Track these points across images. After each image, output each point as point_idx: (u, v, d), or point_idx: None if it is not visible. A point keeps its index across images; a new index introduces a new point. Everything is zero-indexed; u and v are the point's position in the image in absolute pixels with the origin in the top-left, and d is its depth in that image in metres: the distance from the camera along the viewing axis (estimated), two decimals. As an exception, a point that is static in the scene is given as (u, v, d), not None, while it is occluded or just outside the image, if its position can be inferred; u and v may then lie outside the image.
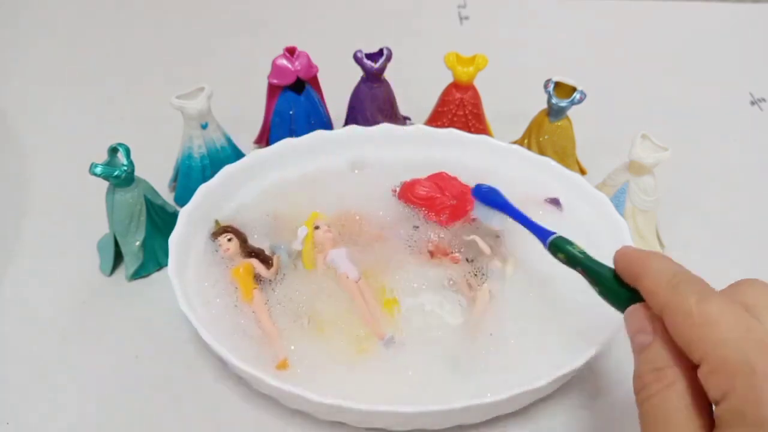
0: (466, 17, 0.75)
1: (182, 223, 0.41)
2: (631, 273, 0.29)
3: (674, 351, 0.25)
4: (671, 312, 0.25)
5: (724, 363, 0.23)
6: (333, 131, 0.49)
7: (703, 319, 0.24)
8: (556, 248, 0.34)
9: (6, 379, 0.39)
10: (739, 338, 0.23)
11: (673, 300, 0.26)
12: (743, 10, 0.78)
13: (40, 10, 0.75)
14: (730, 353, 0.23)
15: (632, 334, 0.28)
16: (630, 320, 0.28)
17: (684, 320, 0.25)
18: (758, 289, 0.26)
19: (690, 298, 0.25)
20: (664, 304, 0.26)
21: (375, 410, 0.33)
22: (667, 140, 0.43)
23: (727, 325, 0.24)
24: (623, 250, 0.30)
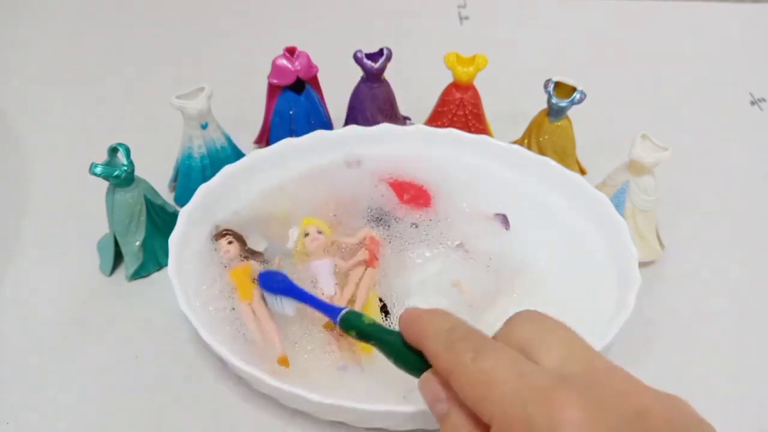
0: (466, 17, 0.75)
1: (182, 223, 0.41)
2: (415, 336, 0.28)
3: (472, 414, 0.25)
4: (452, 375, 0.25)
5: (507, 422, 0.23)
6: (333, 131, 0.49)
7: (481, 377, 0.24)
8: (346, 325, 0.33)
9: (6, 379, 0.39)
10: (516, 390, 0.23)
11: (451, 361, 0.25)
12: (743, 10, 0.77)
13: (40, 10, 0.75)
14: (509, 410, 0.23)
15: (430, 404, 0.27)
16: (424, 389, 0.27)
17: (465, 382, 0.24)
18: (530, 324, 0.26)
19: (466, 356, 0.25)
20: (445, 368, 0.26)
21: (375, 410, 0.33)
22: (667, 140, 0.43)
23: (504, 379, 0.23)
24: (406, 312, 0.29)
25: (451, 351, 0.25)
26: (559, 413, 0.22)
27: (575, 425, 0.21)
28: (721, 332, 0.43)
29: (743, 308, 0.44)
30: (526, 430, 0.22)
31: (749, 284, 0.46)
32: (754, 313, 0.44)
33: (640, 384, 0.24)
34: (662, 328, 0.43)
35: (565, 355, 0.24)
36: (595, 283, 0.41)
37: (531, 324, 0.26)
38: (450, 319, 0.28)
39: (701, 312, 0.44)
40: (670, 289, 0.45)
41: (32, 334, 0.42)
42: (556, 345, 0.25)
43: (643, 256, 0.43)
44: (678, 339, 0.42)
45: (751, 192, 0.54)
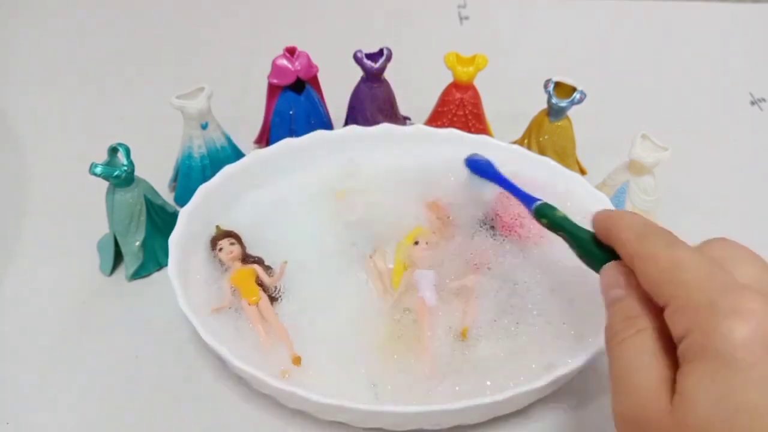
0: (466, 17, 0.75)
1: (182, 223, 0.41)
2: (605, 229, 0.30)
3: (645, 302, 0.26)
4: (640, 259, 0.26)
5: (687, 302, 0.24)
6: (333, 131, 0.49)
7: (670, 263, 0.25)
8: (540, 214, 0.36)
9: (6, 379, 0.39)
10: (703, 280, 0.24)
11: (642, 248, 0.27)
12: (743, 10, 0.78)
13: (40, 10, 0.75)
14: (692, 293, 0.24)
15: (606, 289, 0.29)
16: (604, 276, 0.29)
17: (652, 266, 0.26)
18: (725, 244, 0.27)
19: (658, 245, 0.26)
20: (634, 253, 0.27)
21: (375, 410, 0.33)
22: (667, 140, 0.43)
23: (692, 269, 0.25)
24: (600, 211, 0.31)
25: (645, 239, 0.27)
26: (744, 303, 0.22)
27: (757, 315, 0.22)
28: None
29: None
30: (706, 311, 0.23)
31: (749, 284, 0.46)
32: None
33: None
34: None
35: (755, 275, 0.25)
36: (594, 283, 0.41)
37: (725, 245, 0.27)
38: (643, 218, 0.29)
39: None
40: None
41: (32, 334, 0.42)
42: (749, 265, 0.26)
43: (643, 256, 0.43)
44: (678, 339, 0.42)
45: (751, 192, 0.54)
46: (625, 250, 0.28)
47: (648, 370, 0.25)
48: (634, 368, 0.25)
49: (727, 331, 0.22)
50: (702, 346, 0.23)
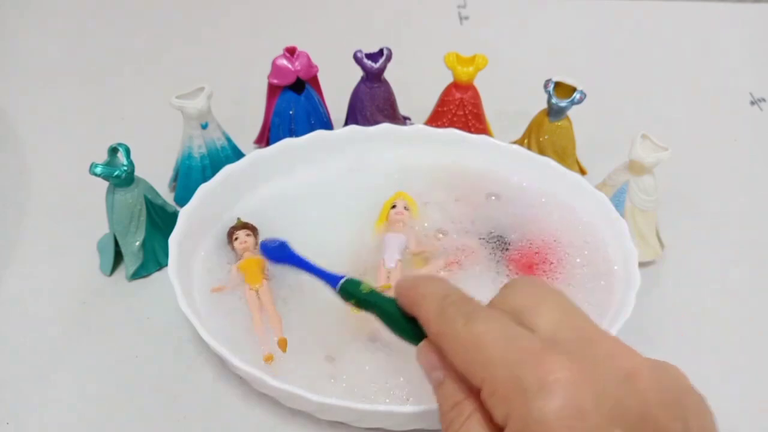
0: (466, 17, 0.75)
1: (182, 223, 0.41)
2: (409, 303, 0.28)
3: (466, 382, 0.25)
4: (443, 340, 0.25)
5: (496, 385, 0.23)
6: (333, 131, 0.49)
7: (471, 341, 0.24)
8: (346, 294, 0.33)
9: (6, 379, 0.39)
10: (505, 352, 0.23)
11: (442, 327, 0.25)
12: (743, 10, 0.77)
13: (40, 10, 0.75)
14: (500, 372, 0.23)
15: (427, 372, 0.27)
16: (421, 358, 0.27)
17: (456, 346, 0.24)
18: (525, 289, 0.26)
19: (457, 321, 0.25)
20: (437, 333, 0.26)
21: (375, 410, 0.33)
22: (667, 140, 0.43)
23: (494, 342, 0.23)
24: (402, 278, 0.29)
25: (443, 316, 0.25)
26: (548, 374, 0.21)
27: (564, 386, 0.21)
28: (722, 332, 0.43)
29: (743, 308, 0.44)
30: (515, 392, 0.22)
31: (749, 284, 0.46)
32: (754, 312, 0.44)
33: (631, 349, 0.24)
34: (662, 328, 0.43)
35: (557, 321, 0.24)
36: (594, 282, 0.41)
37: (526, 290, 0.26)
38: (444, 285, 0.28)
39: (701, 312, 0.44)
40: (670, 289, 0.45)
41: (32, 334, 0.42)
42: (550, 311, 0.25)
43: (643, 256, 0.43)
44: (678, 339, 0.42)
45: (751, 192, 0.54)
46: (428, 329, 0.26)
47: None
48: None
49: (539, 414, 0.21)
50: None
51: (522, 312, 0.25)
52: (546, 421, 0.21)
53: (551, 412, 0.21)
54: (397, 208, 0.44)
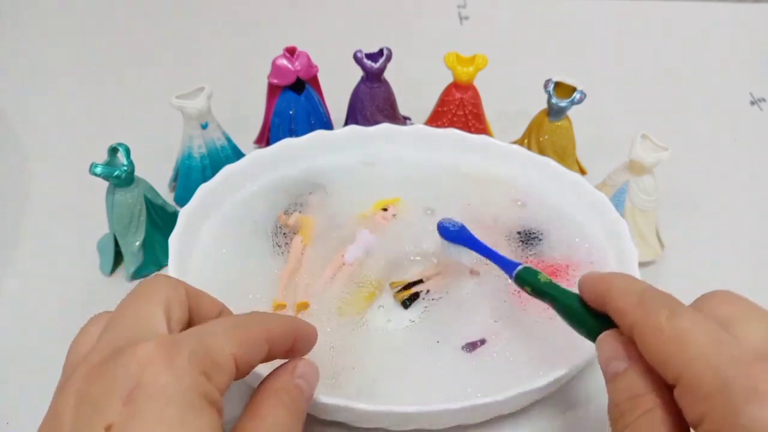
0: (466, 17, 0.75)
1: (182, 223, 0.41)
2: (597, 296, 0.28)
3: (650, 376, 0.24)
4: (642, 330, 0.24)
5: (698, 382, 0.22)
6: (333, 131, 0.49)
7: (675, 335, 0.23)
8: (521, 281, 0.34)
9: (6, 379, 0.39)
10: (713, 354, 0.22)
11: (642, 317, 0.25)
12: (743, 10, 0.78)
13: (40, 10, 0.75)
14: (704, 371, 0.22)
15: (605, 362, 0.26)
16: (602, 347, 0.27)
17: (655, 338, 0.24)
18: (728, 301, 0.25)
19: (660, 314, 0.24)
20: (634, 323, 0.25)
21: (375, 410, 0.33)
22: (667, 140, 0.43)
23: (700, 341, 0.23)
24: (586, 275, 0.29)
25: (644, 307, 0.25)
26: (761, 383, 0.21)
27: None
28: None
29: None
30: (720, 393, 0.21)
31: (749, 284, 0.46)
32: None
33: None
34: (662, 328, 0.43)
35: (763, 334, 0.23)
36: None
37: (730, 301, 0.25)
38: (638, 280, 0.27)
39: (701, 312, 0.44)
40: (670, 289, 0.45)
41: (32, 334, 0.42)
42: (758, 324, 0.24)
43: (643, 256, 0.43)
44: (678, 339, 0.42)
45: (751, 192, 0.54)
46: (624, 319, 0.26)
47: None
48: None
49: (748, 421, 0.20)
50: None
51: (727, 321, 0.24)
52: (755, 429, 0.20)
53: (760, 422, 0.20)
54: (387, 212, 0.44)
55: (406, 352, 0.37)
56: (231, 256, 0.42)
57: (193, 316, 0.28)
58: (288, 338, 0.29)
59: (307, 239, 0.43)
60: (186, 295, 0.28)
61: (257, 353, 0.26)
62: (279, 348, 0.28)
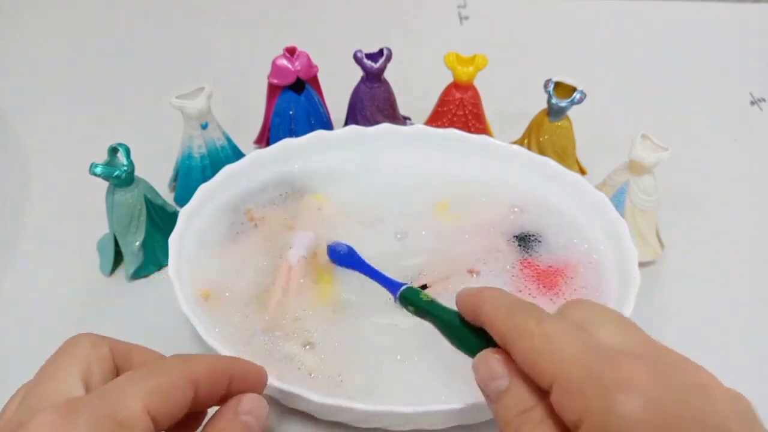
0: (466, 17, 0.75)
1: (182, 223, 0.41)
2: (471, 310, 0.28)
3: (532, 387, 0.25)
4: (513, 338, 0.25)
5: (571, 381, 0.22)
6: (333, 131, 0.49)
7: (545, 338, 0.24)
8: (405, 301, 0.34)
9: (6, 379, 0.39)
10: (581, 352, 0.23)
11: (513, 326, 0.25)
12: (743, 10, 0.77)
13: (40, 10, 0.75)
14: (574, 369, 0.22)
15: (484, 382, 0.26)
16: (480, 367, 0.27)
17: (527, 343, 0.24)
18: (582, 306, 0.26)
19: (529, 320, 0.25)
20: (506, 332, 0.26)
21: (375, 410, 0.33)
22: (667, 140, 0.43)
23: (567, 341, 0.23)
24: (461, 290, 0.29)
25: (514, 317, 0.26)
26: (629, 373, 0.22)
27: (646, 387, 0.21)
28: (722, 332, 0.43)
29: (743, 308, 0.44)
30: (594, 388, 0.22)
31: (749, 284, 0.46)
32: (754, 312, 0.44)
33: (699, 365, 0.24)
34: (662, 328, 0.43)
35: (621, 335, 0.24)
36: (595, 282, 0.41)
37: (585, 307, 0.26)
38: (509, 293, 0.28)
39: (701, 312, 0.44)
40: (670, 289, 0.45)
41: (32, 334, 0.42)
42: (612, 326, 0.25)
43: (643, 256, 0.43)
44: (678, 339, 0.42)
45: (751, 192, 0.54)
46: (496, 329, 0.26)
47: None
48: None
49: (623, 410, 0.21)
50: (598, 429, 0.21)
51: (585, 325, 0.25)
52: (630, 418, 0.21)
53: (635, 409, 0.21)
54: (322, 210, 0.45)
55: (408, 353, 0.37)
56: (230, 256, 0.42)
57: (123, 371, 0.27)
58: (219, 379, 0.27)
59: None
60: (110, 352, 0.27)
61: (179, 400, 0.25)
62: (210, 391, 0.27)
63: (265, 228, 0.44)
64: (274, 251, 0.42)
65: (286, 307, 0.39)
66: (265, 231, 0.43)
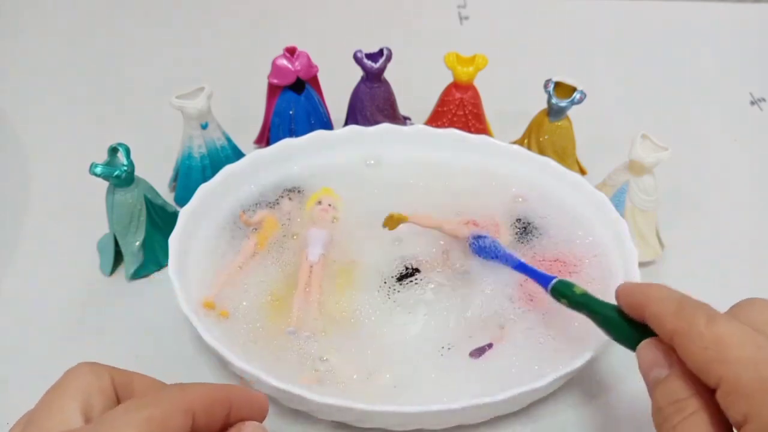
0: (466, 17, 0.75)
1: (182, 223, 0.41)
2: (636, 305, 0.29)
3: (691, 380, 0.25)
4: (681, 337, 0.25)
5: (740, 383, 0.23)
6: (333, 131, 0.49)
7: (715, 340, 0.24)
8: (558, 293, 0.34)
9: (6, 379, 0.39)
10: (753, 356, 0.23)
11: (681, 324, 0.26)
12: (743, 10, 0.77)
13: (40, 10, 0.75)
14: (745, 373, 0.23)
15: (646, 369, 0.28)
16: (643, 355, 0.28)
17: (696, 343, 0.25)
18: (759, 306, 0.26)
19: (699, 320, 0.25)
20: (673, 330, 0.26)
21: (375, 410, 0.33)
22: (667, 140, 0.43)
23: (740, 344, 0.24)
24: (623, 285, 0.30)
25: (683, 314, 0.26)
26: None
27: None
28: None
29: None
30: (762, 392, 0.22)
31: (749, 284, 0.46)
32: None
33: None
34: (662, 328, 0.43)
35: None
36: (594, 282, 0.41)
37: (760, 307, 0.26)
38: (675, 290, 0.28)
39: (701, 312, 0.44)
40: (670, 289, 0.45)
41: (32, 334, 0.42)
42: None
43: (643, 256, 0.43)
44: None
45: (751, 192, 0.54)
46: (663, 327, 0.27)
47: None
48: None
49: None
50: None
51: (760, 325, 0.25)
52: None
53: None
54: (323, 204, 0.45)
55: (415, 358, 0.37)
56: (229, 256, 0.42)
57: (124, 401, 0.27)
58: (218, 408, 0.27)
59: (262, 242, 0.43)
60: (111, 382, 0.27)
61: (175, 430, 0.25)
62: (208, 420, 0.26)
63: (264, 228, 0.44)
64: (275, 251, 0.42)
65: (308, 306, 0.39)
66: (266, 231, 0.43)
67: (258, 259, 0.42)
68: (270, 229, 0.43)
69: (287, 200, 0.45)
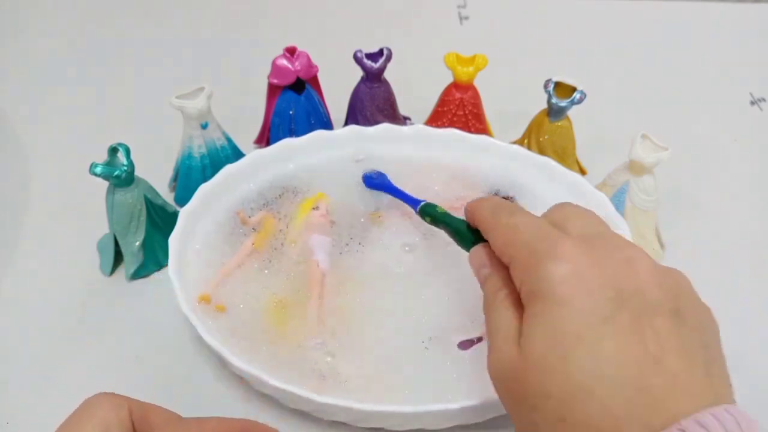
0: (466, 17, 0.75)
1: (182, 223, 0.41)
2: (471, 213, 0.33)
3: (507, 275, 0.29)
4: (491, 231, 0.30)
5: (519, 257, 0.27)
6: (333, 131, 0.49)
7: (510, 227, 0.29)
8: (424, 213, 0.40)
9: (6, 379, 0.39)
10: (533, 236, 0.28)
11: (491, 221, 0.31)
12: (743, 10, 0.77)
13: (40, 10, 0.75)
14: (522, 249, 0.27)
15: (476, 268, 0.32)
16: (472, 257, 0.32)
17: (498, 233, 0.30)
18: (563, 207, 0.30)
19: (503, 215, 0.30)
20: (487, 227, 0.31)
21: (375, 410, 0.33)
22: (667, 140, 0.43)
23: (525, 230, 0.28)
24: (468, 202, 0.34)
25: (494, 213, 0.31)
26: (560, 248, 0.26)
27: (570, 257, 0.25)
28: (721, 332, 0.43)
29: (743, 308, 0.44)
30: (532, 261, 0.26)
31: (749, 284, 0.46)
32: (754, 313, 0.44)
33: (642, 249, 0.27)
34: (662, 328, 0.43)
35: (582, 226, 0.28)
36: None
37: (563, 208, 0.30)
38: (499, 199, 0.33)
39: (701, 312, 0.44)
40: (670, 289, 0.45)
41: (32, 333, 0.42)
42: (580, 220, 0.29)
43: (643, 256, 0.43)
44: (678, 339, 0.42)
45: (751, 192, 0.54)
46: (483, 227, 0.32)
47: (506, 327, 0.27)
48: (497, 328, 0.28)
49: (547, 273, 0.25)
50: (532, 291, 0.26)
51: (558, 222, 0.29)
52: (551, 279, 0.25)
53: (557, 273, 0.25)
54: (320, 210, 0.44)
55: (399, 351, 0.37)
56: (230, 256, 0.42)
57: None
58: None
59: (261, 242, 0.43)
60: (129, 413, 0.27)
61: None
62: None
63: (264, 229, 0.44)
64: (276, 252, 0.42)
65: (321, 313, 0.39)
66: (265, 232, 0.43)
67: (258, 260, 0.42)
68: (269, 230, 0.43)
69: (287, 200, 0.45)
